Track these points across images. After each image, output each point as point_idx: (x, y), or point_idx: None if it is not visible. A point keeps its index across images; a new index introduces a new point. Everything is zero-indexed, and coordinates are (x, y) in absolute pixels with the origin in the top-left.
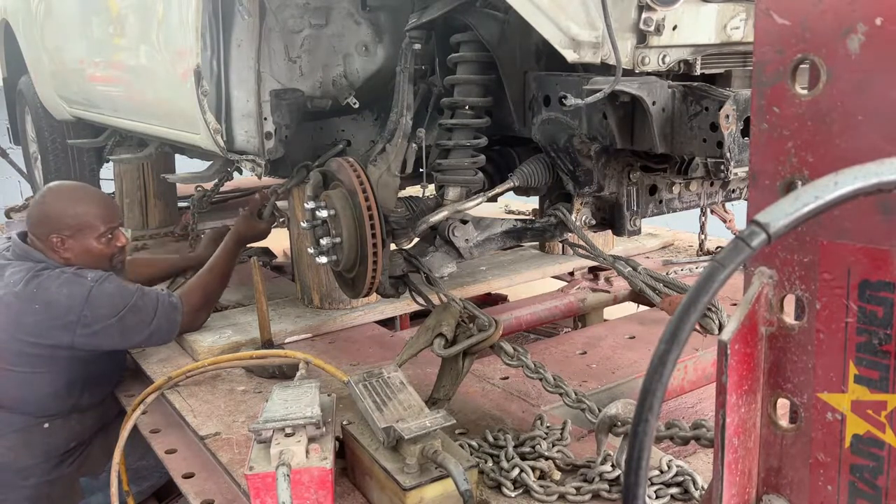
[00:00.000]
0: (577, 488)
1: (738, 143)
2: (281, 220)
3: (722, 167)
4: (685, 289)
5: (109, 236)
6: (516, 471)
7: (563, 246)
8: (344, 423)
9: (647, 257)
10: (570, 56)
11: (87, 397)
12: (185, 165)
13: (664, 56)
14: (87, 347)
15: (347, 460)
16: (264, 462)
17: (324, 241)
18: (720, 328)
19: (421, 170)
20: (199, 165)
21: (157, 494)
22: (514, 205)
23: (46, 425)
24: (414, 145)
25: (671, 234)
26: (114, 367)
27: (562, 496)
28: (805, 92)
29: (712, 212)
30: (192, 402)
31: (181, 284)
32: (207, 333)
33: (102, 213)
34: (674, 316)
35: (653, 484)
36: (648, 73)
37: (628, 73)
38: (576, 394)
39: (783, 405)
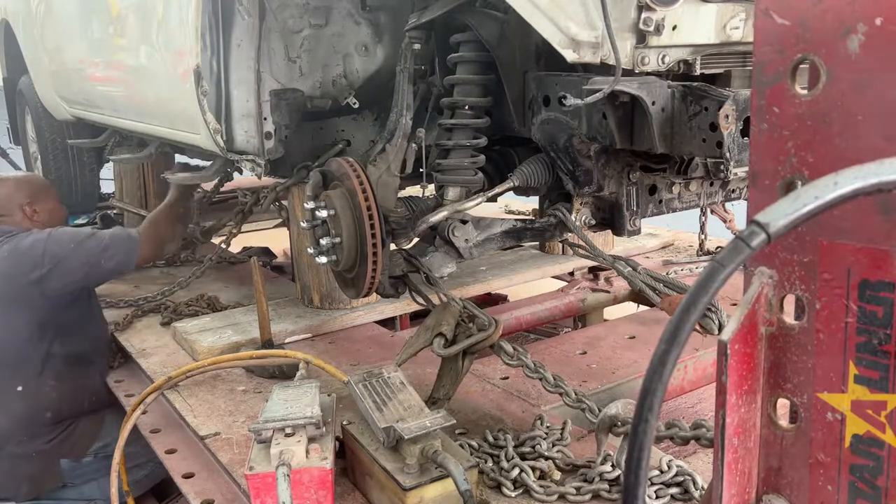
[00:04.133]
0: (577, 488)
1: (738, 143)
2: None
3: (722, 167)
4: (685, 289)
5: (60, 206)
6: (516, 471)
7: (563, 246)
8: (344, 423)
9: (647, 257)
10: (570, 56)
11: (58, 347)
12: None
13: (664, 56)
14: (54, 280)
15: (347, 460)
16: (264, 462)
17: (324, 241)
18: (720, 328)
19: (421, 170)
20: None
21: (157, 495)
22: (514, 205)
23: (20, 388)
24: (414, 145)
25: (671, 234)
26: (85, 319)
27: (562, 496)
28: (805, 92)
29: (712, 212)
30: (192, 402)
31: None
32: (207, 333)
33: (43, 181)
34: (674, 316)
35: (653, 484)
36: (648, 73)
37: (628, 73)
38: (576, 394)
39: (783, 405)
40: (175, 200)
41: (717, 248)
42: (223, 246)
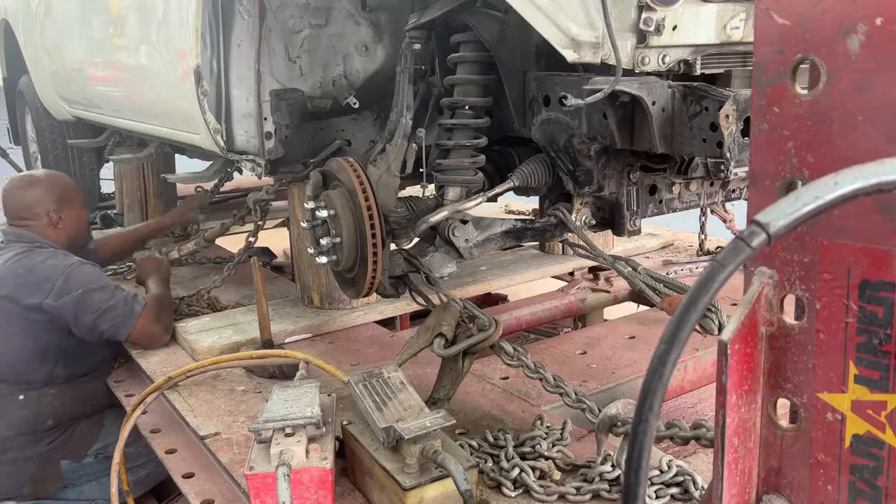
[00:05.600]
0: (577, 488)
1: (738, 143)
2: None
3: (722, 167)
4: (685, 289)
5: (84, 205)
6: (516, 471)
7: (563, 246)
8: (344, 423)
9: (647, 257)
10: (570, 56)
11: (61, 370)
12: (185, 165)
13: (664, 56)
14: (52, 312)
15: (347, 460)
16: (264, 462)
17: (324, 241)
18: (720, 328)
19: (421, 170)
20: (199, 165)
21: (158, 495)
22: (514, 205)
23: (21, 397)
24: (414, 145)
25: (671, 234)
26: (91, 348)
27: (562, 496)
28: (805, 92)
29: (712, 212)
30: (192, 402)
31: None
32: (207, 334)
33: (73, 184)
34: (674, 316)
35: (653, 484)
36: (648, 73)
37: (628, 73)
38: (576, 394)
39: (783, 405)
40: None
41: (717, 248)
42: (250, 240)
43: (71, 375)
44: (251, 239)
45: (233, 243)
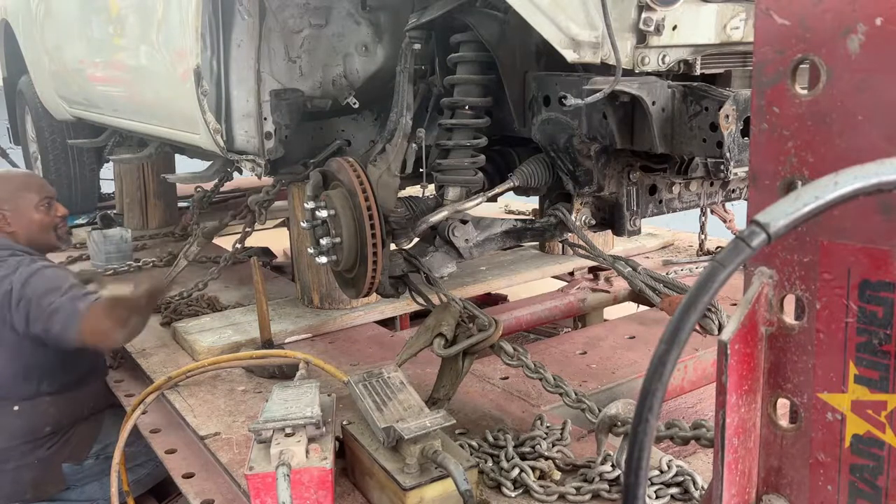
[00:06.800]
0: (577, 488)
1: (738, 143)
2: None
3: (722, 167)
4: (685, 289)
5: (47, 205)
6: (516, 471)
7: (563, 246)
8: (344, 423)
9: (647, 257)
10: (570, 56)
11: (46, 385)
12: (185, 165)
13: (664, 56)
14: (19, 323)
15: (347, 460)
16: (264, 462)
17: (324, 241)
18: (720, 328)
19: (421, 170)
20: (200, 165)
21: (158, 495)
22: (514, 205)
23: (17, 408)
24: (414, 145)
25: (671, 234)
26: (70, 359)
27: (562, 496)
28: (805, 92)
29: (712, 212)
30: (192, 402)
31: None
32: (207, 333)
33: (32, 183)
34: (674, 316)
35: (653, 484)
36: (648, 73)
37: (628, 73)
38: (576, 394)
39: (783, 405)
40: (149, 294)
41: (717, 248)
42: (237, 246)
43: (60, 388)
44: (237, 245)
45: (231, 243)
